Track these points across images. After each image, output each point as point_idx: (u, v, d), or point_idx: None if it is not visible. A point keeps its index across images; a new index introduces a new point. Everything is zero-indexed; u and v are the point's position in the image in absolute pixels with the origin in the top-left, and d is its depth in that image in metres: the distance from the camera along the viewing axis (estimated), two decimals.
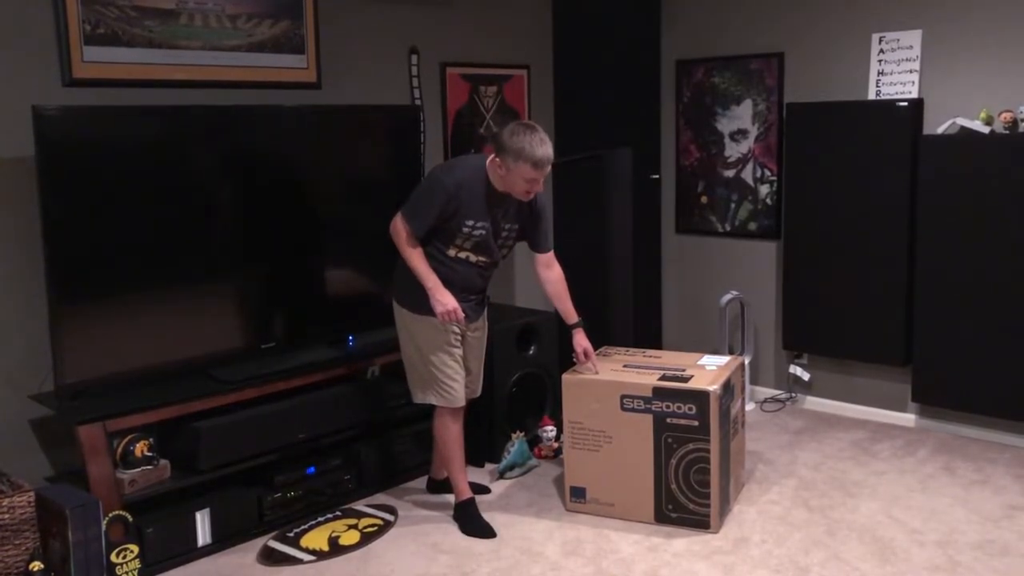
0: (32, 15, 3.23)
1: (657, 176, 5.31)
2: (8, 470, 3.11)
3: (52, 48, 3.27)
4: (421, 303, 3.36)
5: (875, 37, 4.42)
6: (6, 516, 2.91)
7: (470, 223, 3.31)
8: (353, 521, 3.58)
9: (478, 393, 3.70)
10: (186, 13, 3.57)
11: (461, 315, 3.34)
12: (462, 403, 3.50)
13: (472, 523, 3.49)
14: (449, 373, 3.43)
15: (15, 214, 3.20)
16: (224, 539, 3.37)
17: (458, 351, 3.46)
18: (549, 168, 3.30)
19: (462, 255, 3.38)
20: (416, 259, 3.33)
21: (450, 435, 3.50)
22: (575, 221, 4.53)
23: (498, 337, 4.00)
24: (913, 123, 4.27)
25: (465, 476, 3.58)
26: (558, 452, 4.15)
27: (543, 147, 3.24)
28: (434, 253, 3.36)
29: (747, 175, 4.97)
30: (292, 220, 3.71)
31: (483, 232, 3.35)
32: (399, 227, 3.34)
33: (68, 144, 3.07)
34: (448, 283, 3.35)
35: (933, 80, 4.28)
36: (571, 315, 3.62)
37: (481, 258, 3.42)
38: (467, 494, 3.56)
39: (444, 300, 3.31)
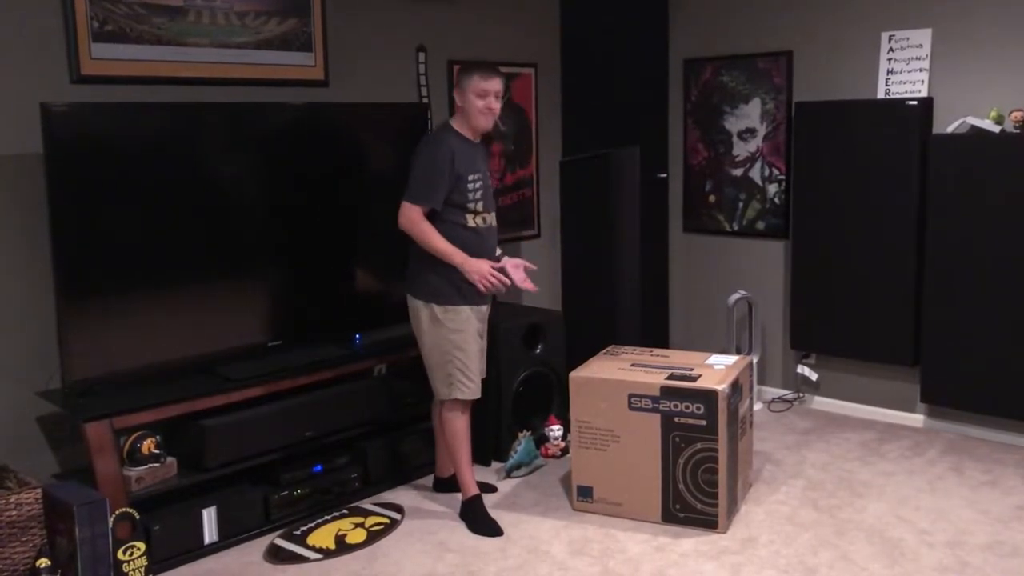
0: (41, 12, 3.22)
1: (665, 175, 5.30)
2: (15, 467, 3.11)
3: (60, 45, 3.27)
4: (446, 293, 3.38)
5: (884, 36, 4.40)
6: (13, 513, 2.91)
7: (472, 177, 3.39)
8: (360, 519, 3.58)
9: (484, 373, 3.69)
10: (194, 10, 3.57)
11: (502, 278, 3.33)
12: (479, 395, 3.51)
13: (479, 521, 3.49)
14: (476, 361, 3.47)
15: (23, 210, 3.20)
16: (231, 537, 3.37)
17: (482, 341, 3.51)
18: (500, 83, 3.40)
19: (478, 220, 3.42)
20: (436, 238, 3.34)
21: (460, 427, 3.50)
22: (583, 220, 4.52)
23: (505, 336, 4.00)
24: (923, 122, 4.25)
25: (472, 472, 3.57)
26: (565, 451, 4.14)
27: (485, 64, 3.49)
28: (454, 231, 3.36)
29: (755, 174, 4.96)
30: (299, 218, 3.71)
31: (481, 182, 3.43)
32: (411, 214, 3.35)
33: (76, 141, 3.07)
34: (479, 258, 3.37)
35: (943, 79, 4.26)
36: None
37: (491, 214, 3.49)
38: (474, 490, 3.55)
39: (479, 267, 3.32)
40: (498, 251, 3.62)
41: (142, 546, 3.07)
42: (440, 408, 3.55)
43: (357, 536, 3.44)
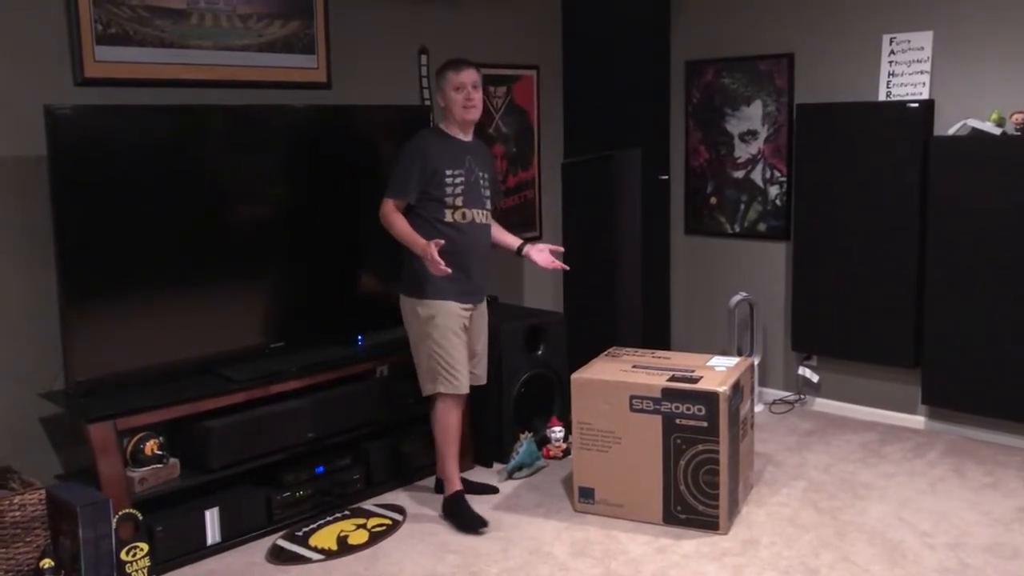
0: (45, 15, 3.24)
1: (666, 177, 5.31)
2: (19, 468, 3.12)
3: (64, 48, 3.29)
4: (427, 288, 3.42)
5: (886, 38, 4.41)
6: (17, 514, 2.92)
7: (450, 172, 3.44)
8: (362, 520, 3.59)
9: (484, 379, 3.72)
10: (197, 13, 3.58)
11: (437, 260, 3.22)
12: (467, 390, 3.54)
13: (463, 516, 3.50)
14: (458, 358, 3.48)
15: (27, 212, 3.21)
16: (233, 538, 3.38)
17: (465, 339, 3.52)
18: (473, 73, 3.48)
19: (458, 216, 3.45)
20: (400, 227, 3.39)
21: (451, 422, 3.54)
22: (584, 221, 4.53)
23: (506, 337, 4.01)
24: (924, 124, 4.26)
25: (457, 467, 3.60)
26: (566, 452, 4.15)
27: (456, 58, 3.55)
28: (431, 226, 3.40)
29: (756, 176, 4.96)
30: (301, 220, 3.72)
31: (464, 178, 3.46)
32: (383, 207, 3.44)
33: (80, 143, 3.09)
34: (460, 255, 3.38)
35: (944, 81, 4.27)
36: (514, 239, 3.74)
37: (476, 210, 3.50)
38: (457, 486, 3.58)
39: (423, 247, 3.27)
40: (518, 241, 3.71)
41: (145, 547, 3.08)
42: (434, 404, 3.57)
43: (359, 537, 3.45)
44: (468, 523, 3.48)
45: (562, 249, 3.78)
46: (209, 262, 3.46)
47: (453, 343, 3.47)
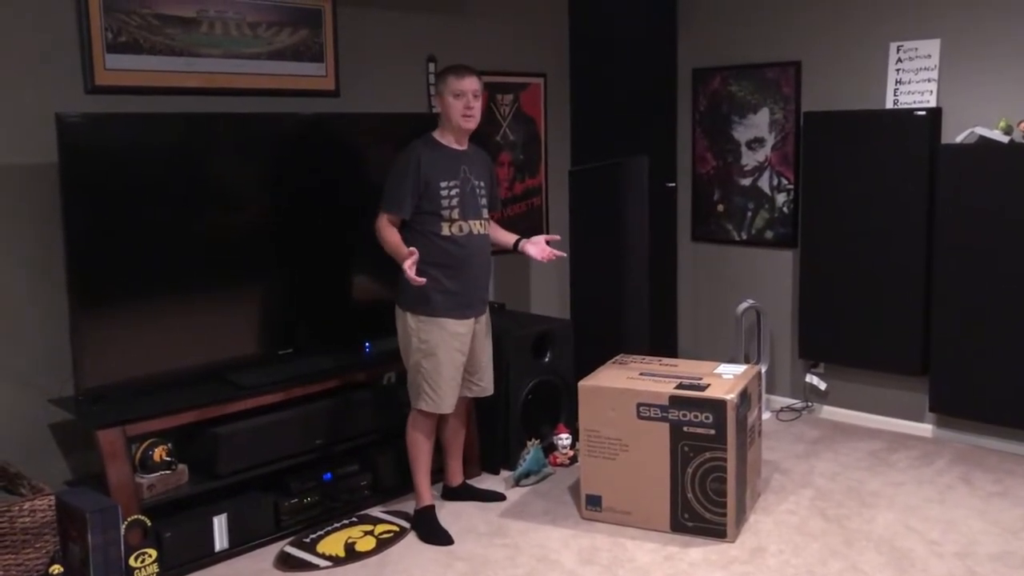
0: (55, 23, 3.26)
1: (673, 184, 5.31)
2: (28, 474, 3.13)
3: (75, 56, 3.31)
4: (423, 303, 3.38)
5: (893, 46, 4.41)
6: (27, 520, 2.93)
7: (445, 183, 3.38)
8: (369, 527, 3.59)
9: (491, 390, 3.71)
10: (207, 21, 3.60)
11: (410, 273, 3.20)
12: (448, 410, 3.51)
13: (430, 530, 3.50)
14: (444, 376, 3.43)
15: (38, 219, 3.23)
16: (241, 544, 3.39)
17: (461, 357, 3.48)
18: (475, 82, 3.41)
19: (455, 228, 3.40)
20: (389, 240, 3.35)
21: (418, 439, 3.53)
22: (591, 228, 4.53)
23: (513, 344, 4.01)
24: (931, 132, 4.26)
25: (427, 483, 3.59)
26: (574, 460, 4.15)
27: (459, 64, 3.48)
28: (428, 240, 3.36)
29: (764, 183, 4.96)
30: (310, 227, 3.73)
31: (459, 189, 3.41)
32: (377, 221, 3.40)
33: (90, 151, 3.10)
34: (458, 268, 3.37)
35: (951, 89, 4.27)
36: (510, 236, 3.69)
37: (473, 221, 3.45)
38: (427, 501, 3.58)
39: (405, 253, 3.25)
40: (514, 238, 3.67)
41: (154, 553, 3.09)
42: (410, 415, 3.56)
43: (366, 544, 3.46)
44: (434, 537, 3.47)
45: (558, 237, 3.72)
46: (217, 268, 3.47)
47: (442, 361, 3.42)
